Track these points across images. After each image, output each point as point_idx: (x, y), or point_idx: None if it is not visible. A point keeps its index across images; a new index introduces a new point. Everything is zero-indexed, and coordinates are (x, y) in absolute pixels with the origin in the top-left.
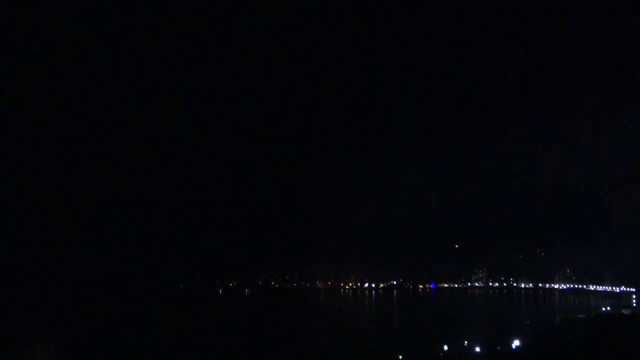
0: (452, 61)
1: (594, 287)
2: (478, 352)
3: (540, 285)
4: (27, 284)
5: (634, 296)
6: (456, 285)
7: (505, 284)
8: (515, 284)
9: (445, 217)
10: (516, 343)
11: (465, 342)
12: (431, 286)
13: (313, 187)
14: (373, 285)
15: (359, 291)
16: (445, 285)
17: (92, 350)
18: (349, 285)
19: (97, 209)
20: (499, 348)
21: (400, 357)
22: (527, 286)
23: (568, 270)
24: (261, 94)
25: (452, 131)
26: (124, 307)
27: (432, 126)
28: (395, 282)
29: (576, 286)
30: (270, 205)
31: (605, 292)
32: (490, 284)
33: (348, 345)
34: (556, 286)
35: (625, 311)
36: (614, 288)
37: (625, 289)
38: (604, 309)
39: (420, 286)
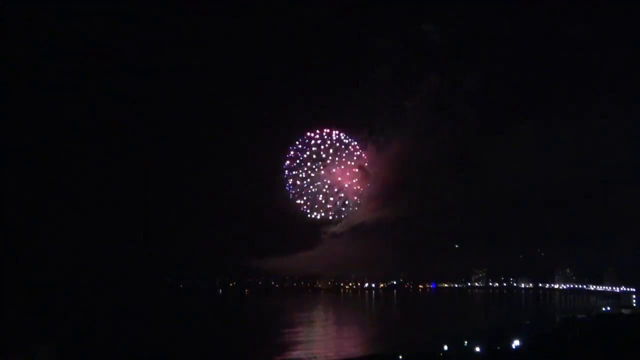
0: (449, 59)
1: (594, 287)
2: (478, 352)
3: (540, 285)
4: (27, 284)
5: (634, 296)
6: (456, 285)
7: (505, 284)
8: (515, 284)
9: (445, 217)
10: (516, 343)
11: (465, 342)
12: (431, 286)
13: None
14: (373, 285)
15: (359, 291)
16: (445, 285)
17: (92, 350)
18: (349, 285)
19: (97, 209)
20: (499, 348)
21: (400, 357)
22: (527, 286)
23: (568, 270)
24: (260, 93)
25: (451, 130)
26: (124, 308)
27: (431, 125)
28: (395, 282)
29: (576, 286)
30: (270, 205)
31: (605, 292)
32: (490, 284)
33: (348, 345)
34: (556, 286)
35: (625, 311)
36: (614, 288)
37: (625, 289)
38: (604, 309)
39: (420, 286)
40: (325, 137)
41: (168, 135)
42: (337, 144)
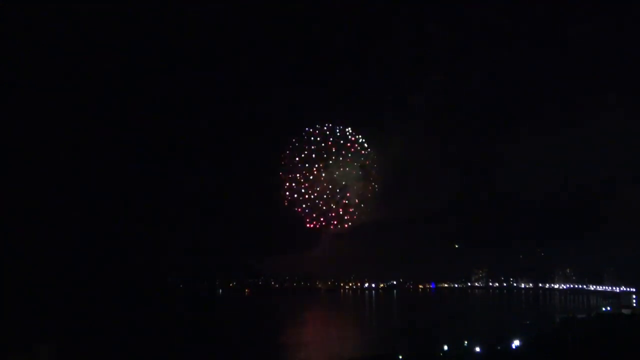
0: (453, 59)
1: (594, 287)
2: (478, 352)
3: (540, 285)
4: (27, 284)
5: (634, 296)
6: (456, 285)
7: (505, 284)
8: (515, 284)
9: (445, 217)
10: (516, 343)
11: (465, 342)
12: (431, 286)
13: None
14: (373, 285)
15: (359, 291)
16: (445, 285)
17: (92, 351)
18: (349, 285)
19: (96, 209)
20: (499, 348)
21: (400, 357)
22: (527, 286)
23: (568, 270)
24: (261, 93)
25: (453, 130)
26: (124, 308)
27: (433, 125)
28: (395, 282)
29: (576, 286)
30: (270, 206)
31: (605, 292)
32: (490, 284)
33: (348, 345)
34: (556, 286)
35: (625, 311)
36: (614, 288)
37: (625, 289)
38: (604, 309)
39: (420, 286)
40: (327, 132)
41: (168, 135)
42: (340, 141)
